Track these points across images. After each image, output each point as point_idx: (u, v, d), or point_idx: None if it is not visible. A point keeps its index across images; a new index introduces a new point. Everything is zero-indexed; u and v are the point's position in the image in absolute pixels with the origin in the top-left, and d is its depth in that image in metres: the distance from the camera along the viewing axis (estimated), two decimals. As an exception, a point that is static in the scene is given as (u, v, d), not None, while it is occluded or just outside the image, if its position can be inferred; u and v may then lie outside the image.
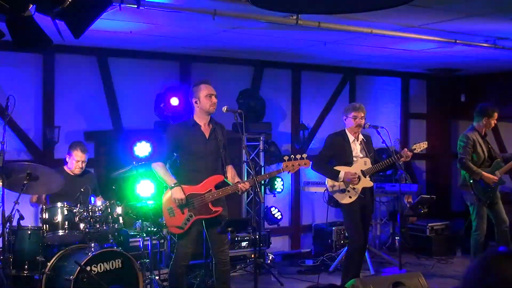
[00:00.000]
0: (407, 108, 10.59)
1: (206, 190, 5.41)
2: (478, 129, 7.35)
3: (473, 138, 7.25)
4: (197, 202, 5.39)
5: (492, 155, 7.36)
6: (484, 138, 7.37)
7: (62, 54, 7.39)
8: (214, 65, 8.49)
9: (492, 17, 5.89)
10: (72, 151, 6.37)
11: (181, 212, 5.40)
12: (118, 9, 4.93)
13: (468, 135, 7.29)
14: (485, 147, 7.30)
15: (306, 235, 9.34)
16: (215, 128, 5.58)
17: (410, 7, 4.92)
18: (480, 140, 7.29)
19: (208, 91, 5.48)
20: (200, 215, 5.41)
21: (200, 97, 5.48)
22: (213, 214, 5.43)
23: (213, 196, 5.40)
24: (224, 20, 5.76)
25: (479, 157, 7.23)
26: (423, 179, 10.78)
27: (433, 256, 8.86)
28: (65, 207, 5.72)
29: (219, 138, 5.55)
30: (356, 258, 6.41)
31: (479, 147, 7.24)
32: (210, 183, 5.44)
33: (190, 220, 5.39)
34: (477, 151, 7.23)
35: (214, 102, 5.49)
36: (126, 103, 7.92)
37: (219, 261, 5.56)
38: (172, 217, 5.44)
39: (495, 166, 7.25)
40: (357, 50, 7.83)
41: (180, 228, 5.41)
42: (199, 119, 5.54)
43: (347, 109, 6.50)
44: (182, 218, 5.41)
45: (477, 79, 10.33)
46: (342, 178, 6.27)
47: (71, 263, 5.55)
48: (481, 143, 7.27)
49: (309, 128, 9.26)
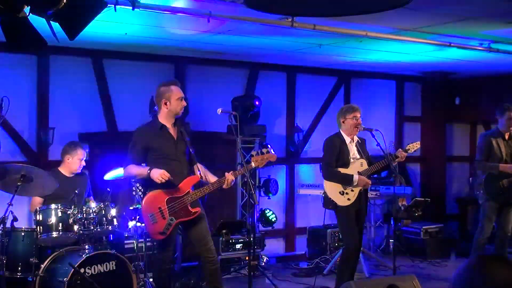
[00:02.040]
0: (401, 111, 10.61)
1: (184, 193, 5.36)
2: (501, 130, 7.15)
3: (490, 139, 7.10)
4: (178, 206, 5.34)
5: None
6: (507, 140, 7.13)
7: (56, 55, 7.38)
8: (209, 67, 8.50)
9: (486, 21, 5.91)
10: (74, 150, 6.37)
11: (162, 217, 5.31)
12: (113, 11, 4.93)
13: (485, 136, 7.22)
14: (505, 149, 7.08)
15: (300, 238, 9.33)
16: (180, 129, 5.53)
17: (404, 10, 4.93)
18: (501, 142, 7.09)
19: (180, 94, 5.45)
20: (181, 218, 5.36)
21: (171, 99, 5.41)
22: (192, 216, 5.39)
23: (192, 198, 5.36)
24: (219, 22, 5.76)
25: (494, 158, 7.04)
26: (418, 181, 10.79)
27: (428, 259, 8.87)
28: (59, 209, 5.71)
29: (185, 138, 5.50)
30: (350, 260, 6.40)
31: (496, 149, 7.06)
32: (187, 185, 5.40)
33: (171, 225, 5.32)
34: (493, 153, 7.06)
35: (184, 105, 5.50)
36: (121, 105, 7.91)
37: (206, 260, 5.49)
38: (154, 223, 5.34)
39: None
40: (352, 53, 7.84)
41: (163, 234, 5.33)
42: (165, 121, 5.48)
43: (345, 111, 6.46)
44: (163, 223, 5.31)
45: (472, 82, 10.36)
46: (356, 181, 6.24)
47: (65, 265, 5.53)
48: (500, 145, 7.07)
49: (303, 130, 9.26)
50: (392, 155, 6.36)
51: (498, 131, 7.19)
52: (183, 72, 8.33)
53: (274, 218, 8.42)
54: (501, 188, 7.03)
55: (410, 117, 10.72)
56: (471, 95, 10.32)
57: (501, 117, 7.13)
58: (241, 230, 7.88)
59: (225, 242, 7.67)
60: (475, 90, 10.32)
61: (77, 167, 6.39)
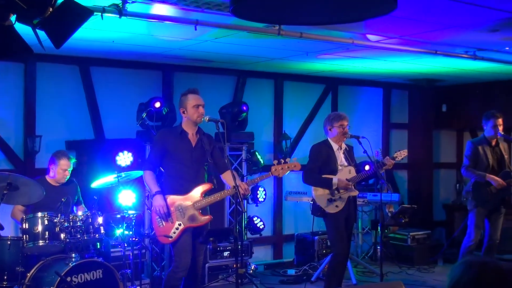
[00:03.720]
0: (388, 118, 10.66)
1: (194, 199, 5.43)
2: (487, 137, 7.21)
3: (477, 146, 7.16)
4: (187, 211, 5.40)
5: (504, 166, 7.18)
6: (493, 147, 7.21)
7: (44, 63, 7.36)
8: (196, 74, 8.51)
9: (472, 29, 5.96)
10: (58, 160, 6.32)
11: (171, 221, 5.39)
12: (100, 19, 4.93)
13: (472, 143, 7.25)
14: (491, 156, 7.15)
15: (288, 245, 9.34)
16: (202, 138, 5.60)
17: (391, 18, 4.97)
18: (487, 149, 7.16)
19: (196, 102, 5.49)
20: (190, 224, 5.41)
21: (187, 107, 5.49)
22: (202, 223, 5.46)
23: (201, 205, 5.43)
24: (206, 30, 5.78)
25: (481, 165, 7.11)
26: (405, 188, 10.83)
27: (415, 265, 8.89)
28: (46, 217, 5.67)
29: (205, 147, 5.56)
30: (338, 267, 6.41)
31: (482, 156, 7.12)
32: (198, 191, 5.46)
33: (179, 229, 5.38)
34: (480, 159, 7.12)
35: (202, 112, 5.50)
36: (108, 112, 7.90)
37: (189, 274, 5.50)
38: (161, 226, 5.43)
39: (502, 176, 7.06)
40: (339, 60, 7.88)
41: (169, 237, 5.39)
42: (187, 128, 5.57)
43: (332, 119, 6.48)
44: (171, 227, 5.40)
45: (458, 89, 10.43)
46: (336, 185, 6.27)
47: (51, 274, 5.50)
48: (487, 152, 7.14)
49: (291, 137, 9.29)
50: (380, 162, 6.39)
51: (484, 138, 7.24)
52: (170, 79, 8.33)
53: (261, 226, 8.42)
54: (490, 194, 7.07)
55: (397, 124, 10.77)
56: (458, 102, 10.39)
57: (488, 124, 7.18)
58: (228, 237, 7.88)
59: (212, 250, 7.67)
60: (461, 97, 10.39)
61: (61, 177, 6.34)
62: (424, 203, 10.44)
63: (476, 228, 7.15)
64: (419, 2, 4.94)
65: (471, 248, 7.18)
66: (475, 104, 10.13)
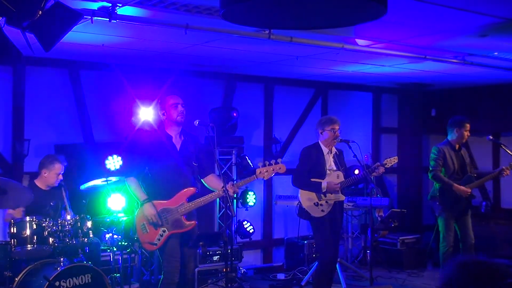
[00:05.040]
0: (378, 123, 10.70)
1: (178, 204, 5.34)
2: (451, 142, 7.40)
3: (444, 151, 7.30)
4: (170, 217, 5.33)
5: (466, 170, 7.39)
6: (457, 151, 7.40)
7: (33, 66, 7.32)
8: (186, 78, 8.49)
9: (461, 34, 5.99)
10: (52, 164, 6.29)
11: (154, 228, 5.32)
12: (90, 22, 4.91)
13: (439, 148, 7.37)
14: (456, 161, 7.33)
15: (278, 249, 9.34)
16: (186, 139, 5.53)
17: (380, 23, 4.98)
18: (452, 153, 7.34)
19: (174, 100, 5.43)
20: (174, 230, 5.33)
21: (166, 108, 5.43)
22: (187, 228, 5.37)
23: (185, 209, 5.33)
24: (196, 34, 5.77)
25: (448, 169, 7.28)
26: (395, 193, 10.86)
27: (404, 269, 8.91)
28: (34, 221, 5.63)
29: (190, 150, 5.50)
30: (327, 271, 6.41)
31: (449, 160, 7.28)
32: (182, 196, 5.37)
33: (163, 236, 5.31)
34: (447, 164, 7.28)
35: (181, 110, 5.41)
36: (98, 116, 7.86)
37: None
38: (145, 233, 5.35)
39: (465, 180, 7.28)
40: (329, 64, 7.89)
41: (153, 244, 5.32)
42: (170, 131, 5.48)
43: (324, 122, 6.49)
44: (155, 234, 5.32)
45: (448, 94, 10.47)
46: (325, 188, 6.27)
47: (39, 278, 5.47)
48: (452, 156, 7.32)
49: (281, 142, 9.29)
50: (370, 167, 6.40)
51: (449, 143, 7.41)
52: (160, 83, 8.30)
53: (251, 230, 8.41)
54: (456, 198, 7.20)
55: (387, 129, 10.80)
56: (447, 106, 10.43)
57: (457, 129, 7.34)
58: (218, 242, 7.86)
59: (202, 254, 7.65)
60: (451, 102, 10.43)
61: (54, 181, 6.32)
62: (414, 207, 10.46)
63: (448, 232, 7.24)
64: (408, 7, 4.96)
65: (449, 252, 7.24)
66: (464, 109, 10.16)
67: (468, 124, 7.38)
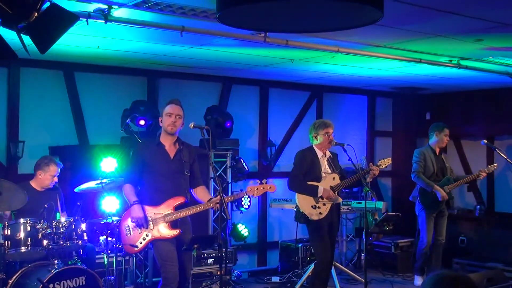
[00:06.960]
0: (373, 126, 10.71)
1: (165, 211, 5.37)
2: (432, 146, 7.96)
3: (424, 153, 7.85)
4: (156, 223, 5.35)
5: (446, 173, 7.89)
6: (437, 155, 7.93)
7: (28, 68, 7.31)
8: (182, 81, 8.49)
9: (456, 38, 6.01)
10: (47, 166, 6.27)
11: (138, 231, 5.36)
12: (85, 24, 4.90)
13: (420, 151, 7.97)
14: (436, 164, 7.83)
15: (272, 252, 9.33)
16: (182, 148, 5.52)
17: (376, 27, 4.99)
18: (432, 156, 7.87)
19: (169, 110, 5.42)
20: (157, 236, 5.35)
21: (162, 116, 5.47)
22: (169, 236, 5.36)
23: (171, 217, 5.35)
24: (192, 37, 5.77)
25: (428, 171, 7.79)
26: (389, 196, 10.87)
27: (399, 272, 8.92)
28: (28, 223, 5.62)
29: (184, 159, 5.49)
30: (322, 275, 6.41)
31: (429, 162, 7.80)
32: (170, 204, 5.39)
33: (146, 240, 5.34)
34: (427, 166, 7.80)
35: (172, 121, 5.38)
36: (93, 118, 7.84)
37: None
38: (129, 235, 5.41)
39: (444, 182, 7.78)
40: (324, 68, 7.90)
41: (135, 247, 5.36)
42: (164, 139, 5.51)
43: (318, 126, 6.48)
44: (138, 237, 5.37)
45: (442, 97, 10.50)
46: (321, 193, 6.27)
47: (33, 281, 5.45)
48: (432, 159, 7.83)
49: (276, 144, 9.30)
50: (365, 170, 6.40)
51: (429, 147, 7.97)
52: (156, 85, 8.31)
53: (246, 233, 8.40)
54: (436, 198, 7.69)
55: (382, 132, 10.82)
56: (442, 110, 10.45)
57: (437, 133, 7.92)
58: (213, 244, 7.85)
59: (196, 257, 7.64)
60: (445, 106, 10.46)
61: (49, 183, 6.31)
62: (408, 211, 10.45)
63: (428, 232, 7.79)
64: (404, 11, 4.96)
65: (425, 251, 7.82)
66: (459, 112, 10.21)
67: (447, 129, 7.93)
